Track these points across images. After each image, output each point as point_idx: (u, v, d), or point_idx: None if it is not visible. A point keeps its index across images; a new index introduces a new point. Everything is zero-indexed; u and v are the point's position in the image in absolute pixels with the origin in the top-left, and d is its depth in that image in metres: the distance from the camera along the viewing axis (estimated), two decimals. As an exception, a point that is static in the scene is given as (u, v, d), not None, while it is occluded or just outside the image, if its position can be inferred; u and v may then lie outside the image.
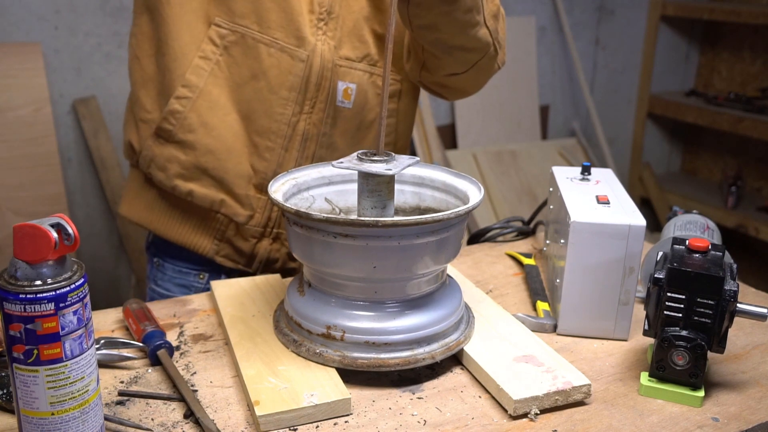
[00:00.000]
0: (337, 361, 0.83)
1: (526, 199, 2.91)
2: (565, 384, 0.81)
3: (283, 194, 0.91)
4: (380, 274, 0.82)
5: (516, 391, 0.79)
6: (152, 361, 0.87)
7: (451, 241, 0.85)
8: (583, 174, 1.09)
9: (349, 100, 1.13)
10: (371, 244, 0.80)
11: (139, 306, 0.96)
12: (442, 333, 0.87)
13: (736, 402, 0.83)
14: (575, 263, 0.94)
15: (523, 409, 0.79)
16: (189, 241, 1.18)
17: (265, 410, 0.75)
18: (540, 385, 0.81)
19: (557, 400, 0.80)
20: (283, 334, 0.89)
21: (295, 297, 0.90)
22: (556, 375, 0.82)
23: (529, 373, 0.83)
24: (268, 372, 0.82)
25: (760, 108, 2.90)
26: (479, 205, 0.86)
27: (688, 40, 3.36)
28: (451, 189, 0.96)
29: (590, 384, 0.81)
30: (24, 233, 0.62)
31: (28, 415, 0.65)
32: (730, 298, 0.80)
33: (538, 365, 0.84)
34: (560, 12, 3.04)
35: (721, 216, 2.96)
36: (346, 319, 0.85)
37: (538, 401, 0.79)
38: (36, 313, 0.62)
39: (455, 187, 0.95)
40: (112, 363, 0.87)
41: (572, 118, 3.26)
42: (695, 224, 1.03)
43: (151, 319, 0.93)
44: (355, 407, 0.80)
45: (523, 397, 0.78)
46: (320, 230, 0.82)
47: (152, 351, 0.87)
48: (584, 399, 0.82)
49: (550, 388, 0.80)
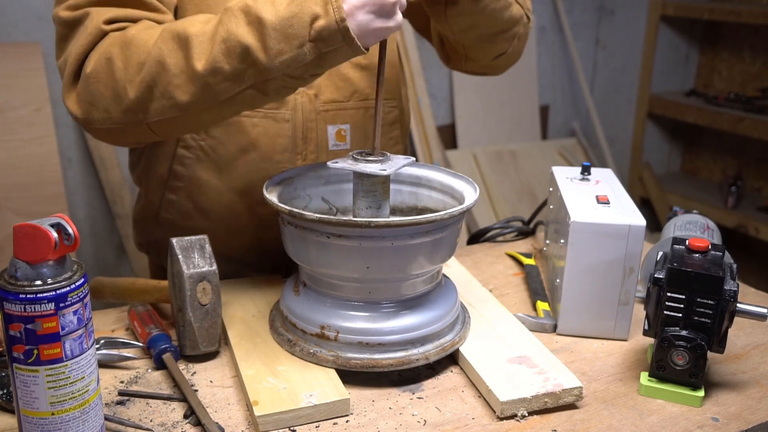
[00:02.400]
0: (330, 362, 0.83)
1: (526, 199, 2.91)
2: (555, 386, 0.80)
3: (278, 194, 0.90)
4: (374, 275, 0.82)
5: (504, 392, 0.79)
6: (157, 365, 0.87)
7: (446, 242, 0.85)
8: (583, 174, 1.09)
9: (345, 141, 1.10)
10: (364, 244, 0.80)
11: (144, 309, 0.96)
12: (437, 334, 0.87)
13: (736, 402, 0.83)
14: (575, 263, 0.94)
15: (510, 410, 0.78)
16: None
17: (263, 410, 0.75)
18: (529, 386, 0.80)
19: (546, 402, 0.79)
20: (278, 333, 0.89)
21: (291, 297, 0.90)
22: (548, 377, 0.82)
23: (520, 374, 0.82)
24: (267, 372, 0.82)
25: (760, 108, 2.90)
26: (473, 206, 0.86)
27: (688, 40, 3.36)
28: (449, 189, 0.96)
29: (582, 386, 0.81)
30: (24, 233, 0.62)
31: (28, 415, 0.65)
32: (730, 298, 0.80)
33: (532, 367, 0.84)
34: (560, 12, 3.04)
35: (721, 216, 2.95)
36: (340, 320, 0.85)
37: (526, 403, 0.79)
38: (36, 313, 0.62)
39: (452, 188, 0.95)
40: (111, 363, 0.87)
41: (572, 118, 3.26)
42: (695, 224, 1.03)
43: (157, 322, 0.92)
44: (355, 407, 0.80)
45: (510, 399, 0.78)
46: (314, 230, 0.81)
47: (157, 355, 0.86)
48: (575, 402, 0.81)
49: (539, 390, 0.79)
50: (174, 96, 0.85)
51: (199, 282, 0.85)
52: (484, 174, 2.89)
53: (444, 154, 2.82)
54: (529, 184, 2.97)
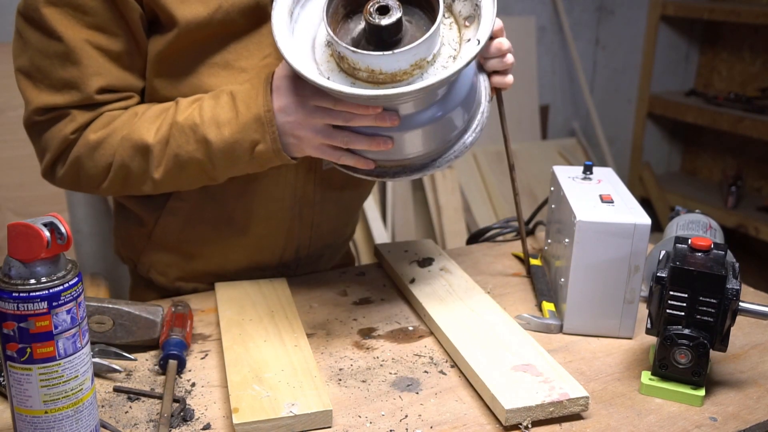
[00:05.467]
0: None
1: (526, 199, 2.90)
2: (561, 395, 0.78)
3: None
4: None
5: (509, 400, 0.77)
6: (160, 365, 0.85)
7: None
8: (584, 173, 1.09)
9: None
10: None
11: (183, 310, 0.95)
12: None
13: (734, 401, 0.83)
14: (580, 262, 0.93)
15: (515, 419, 0.77)
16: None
17: (242, 418, 0.74)
18: (535, 395, 0.78)
19: (552, 412, 0.78)
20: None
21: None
22: (554, 386, 0.80)
23: (525, 382, 0.81)
24: (253, 379, 0.81)
25: (760, 108, 2.90)
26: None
27: (688, 40, 3.36)
28: None
29: (588, 396, 0.79)
30: (17, 232, 0.62)
31: (21, 413, 0.65)
32: (732, 297, 0.79)
33: (536, 375, 0.82)
34: (560, 12, 3.03)
35: (721, 216, 2.95)
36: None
37: (531, 412, 0.77)
38: (29, 312, 0.61)
39: None
40: (99, 372, 0.85)
41: (572, 118, 3.25)
42: (698, 224, 1.03)
43: (184, 328, 0.90)
44: (354, 407, 0.80)
45: (516, 407, 0.76)
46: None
47: (163, 357, 0.85)
48: (581, 411, 0.79)
49: (544, 399, 0.78)
50: (141, 189, 0.98)
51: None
52: (484, 174, 2.89)
53: (444, 154, 2.81)
54: (529, 184, 2.96)
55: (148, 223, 1.09)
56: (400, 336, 0.96)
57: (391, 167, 0.93)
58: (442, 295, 1.02)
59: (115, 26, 0.93)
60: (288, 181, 1.05)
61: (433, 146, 0.92)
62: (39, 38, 0.93)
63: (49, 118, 0.97)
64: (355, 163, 0.91)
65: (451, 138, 0.93)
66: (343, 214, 1.18)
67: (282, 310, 0.97)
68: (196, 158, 0.92)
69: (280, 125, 0.89)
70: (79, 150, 0.96)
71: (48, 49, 0.93)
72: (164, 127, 0.93)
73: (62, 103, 0.95)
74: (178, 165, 0.93)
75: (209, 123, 0.91)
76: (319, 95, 0.87)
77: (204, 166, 0.93)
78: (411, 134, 0.89)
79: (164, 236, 1.09)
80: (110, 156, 0.95)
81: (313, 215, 1.10)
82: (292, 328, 0.93)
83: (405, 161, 0.93)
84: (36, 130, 0.99)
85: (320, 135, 0.89)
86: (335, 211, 1.14)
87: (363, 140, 0.88)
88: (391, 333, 0.97)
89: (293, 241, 1.11)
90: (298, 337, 0.90)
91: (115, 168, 0.96)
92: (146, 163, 0.94)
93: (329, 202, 1.12)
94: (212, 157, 0.92)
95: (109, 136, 0.95)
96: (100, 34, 0.93)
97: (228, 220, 1.06)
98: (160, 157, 0.93)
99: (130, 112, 0.96)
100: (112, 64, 0.95)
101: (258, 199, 1.05)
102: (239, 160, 0.92)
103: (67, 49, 0.92)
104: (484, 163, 2.91)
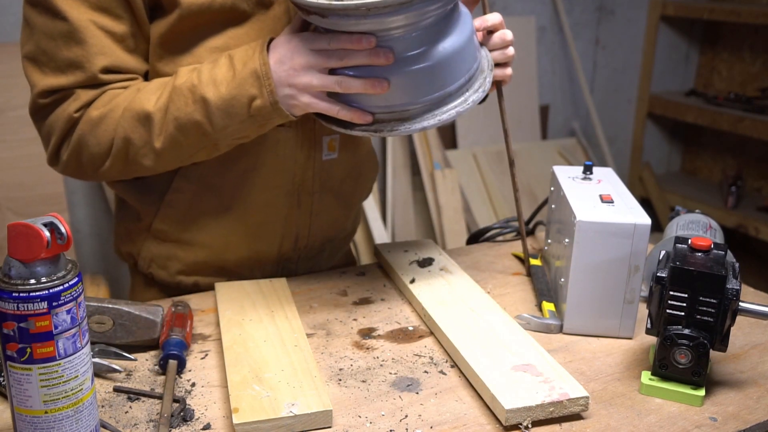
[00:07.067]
0: None
1: (526, 199, 2.90)
2: (561, 395, 0.78)
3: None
4: None
5: (509, 400, 0.77)
6: (160, 365, 0.85)
7: None
8: (584, 173, 1.09)
9: (334, 151, 1.10)
10: None
11: (183, 310, 0.95)
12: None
13: (734, 402, 0.83)
14: (580, 262, 0.93)
15: (515, 419, 0.77)
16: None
17: (242, 418, 0.74)
18: (535, 395, 0.78)
19: (552, 412, 0.78)
20: None
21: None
22: (554, 386, 0.80)
23: (525, 382, 0.81)
24: (253, 379, 0.81)
25: (760, 108, 2.90)
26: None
27: (688, 40, 3.36)
28: None
29: (588, 396, 0.79)
30: (17, 232, 0.62)
31: (21, 413, 0.65)
32: (732, 297, 0.79)
33: (536, 375, 0.82)
34: (560, 12, 3.03)
35: (720, 216, 2.95)
36: None
37: (531, 412, 0.77)
38: (29, 312, 0.61)
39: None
40: (99, 372, 0.85)
41: (572, 117, 3.25)
42: (698, 224, 1.03)
43: (184, 328, 0.90)
44: (354, 407, 0.80)
45: (516, 407, 0.76)
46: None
47: (163, 357, 0.85)
48: (581, 411, 0.79)
49: (544, 399, 0.78)
50: (143, 163, 0.98)
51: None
52: (484, 174, 2.89)
53: (444, 154, 2.81)
54: (529, 184, 2.96)
55: (147, 217, 1.10)
56: (400, 336, 0.96)
57: (388, 120, 0.93)
58: (442, 295, 1.02)
59: (119, 8, 0.95)
60: (287, 169, 1.06)
61: (431, 93, 0.91)
62: (44, 20, 0.94)
63: (53, 100, 0.97)
64: (353, 116, 0.91)
65: (451, 90, 0.93)
66: (343, 206, 1.18)
67: (282, 310, 0.97)
68: (195, 119, 0.93)
69: (276, 77, 0.90)
70: (82, 128, 0.97)
71: (53, 30, 0.94)
72: (164, 95, 0.94)
73: (66, 83, 0.96)
74: (179, 129, 0.94)
75: (207, 83, 0.92)
76: (312, 38, 0.89)
77: (204, 128, 0.93)
78: (406, 76, 0.89)
79: (163, 228, 1.09)
80: (112, 131, 0.96)
81: (312, 204, 1.11)
82: (292, 328, 0.93)
83: (403, 112, 0.92)
84: (41, 114, 1.00)
85: (315, 80, 0.90)
86: (334, 202, 1.15)
87: (358, 82, 0.89)
88: (391, 333, 0.97)
89: (292, 228, 1.11)
90: (298, 337, 0.90)
91: (117, 143, 0.96)
92: (148, 133, 0.95)
93: (328, 193, 1.13)
94: (211, 116, 0.92)
95: (111, 111, 0.95)
96: (104, 15, 0.95)
97: (226, 208, 1.07)
98: (161, 123, 0.94)
99: (132, 88, 0.97)
100: (116, 45, 0.96)
101: (257, 188, 1.06)
102: (237, 118, 0.92)
103: (72, 28, 0.93)
104: (484, 163, 2.91)
